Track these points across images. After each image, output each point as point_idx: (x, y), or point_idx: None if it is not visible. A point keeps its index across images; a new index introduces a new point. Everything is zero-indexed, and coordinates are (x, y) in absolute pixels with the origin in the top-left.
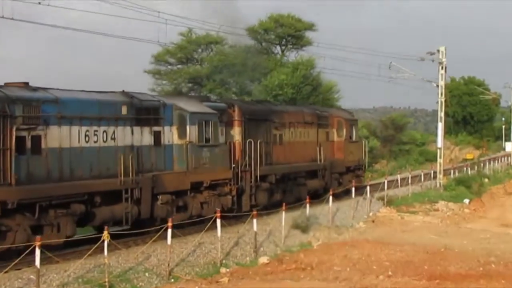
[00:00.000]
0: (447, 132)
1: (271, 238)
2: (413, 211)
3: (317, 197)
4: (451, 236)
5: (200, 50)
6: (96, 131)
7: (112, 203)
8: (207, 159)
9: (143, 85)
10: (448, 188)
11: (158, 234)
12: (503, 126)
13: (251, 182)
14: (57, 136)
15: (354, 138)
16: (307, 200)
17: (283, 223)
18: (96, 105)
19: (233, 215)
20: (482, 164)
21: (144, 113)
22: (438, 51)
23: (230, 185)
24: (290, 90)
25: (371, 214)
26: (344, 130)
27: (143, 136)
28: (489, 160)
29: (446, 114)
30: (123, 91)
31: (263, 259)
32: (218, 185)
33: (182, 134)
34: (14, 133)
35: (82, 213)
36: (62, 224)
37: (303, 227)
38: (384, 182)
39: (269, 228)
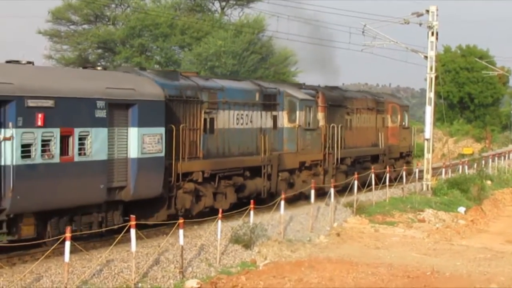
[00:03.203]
0: (439, 118)
1: (203, 255)
2: (391, 221)
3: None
4: (440, 256)
5: (113, 5)
6: (242, 115)
7: (253, 177)
8: (308, 141)
9: (36, 49)
10: (438, 192)
11: (54, 246)
12: None
13: (333, 163)
14: (222, 119)
15: (406, 125)
16: (251, 206)
17: (218, 235)
18: (242, 93)
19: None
20: (484, 162)
21: (267, 99)
22: (428, 11)
23: (321, 165)
24: (230, 60)
25: (335, 225)
26: (399, 116)
27: (267, 120)
28: (493, 156)
29: (438, 95)
30: (251, 80)
31: (192, 283)
32: (312, 165)
33: (292, 118)
34: (202, 115)
35: (240, 185)
36: (228, 193)
37: (246, 241)
38: (353, 183)
39: (200, 242)
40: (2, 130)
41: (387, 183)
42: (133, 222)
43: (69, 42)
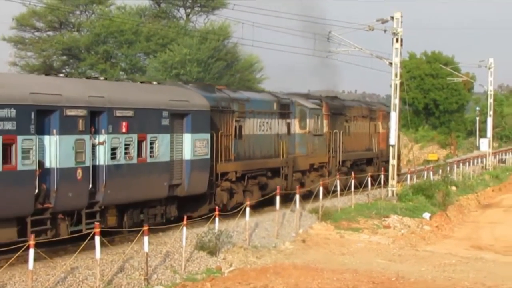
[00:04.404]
0: (404, 125)
1: (168, 262)
2: (357, 228)
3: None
4: (405, 261)
5: (77, 12)
6: (263, 122)
7: (273, 177)
8: (316, 145)
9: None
10: (403, 198)
11: (18, 254)
12: (477, 118)
13: (336, 166)
14: (248, 126)
15: None
16: (216, 213)
17: (183, 242)
18: (263, 103)
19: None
20: (448, 168)
21: (283, 108)
22: (392, 18)
23: (326, 167)
24: (195, 68)
25: (301, 231)
26: (388, 123)
27: (282, 127)
28: (458, 162)
29: (403, 101)
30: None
31: None
32: (319, 167)
33: (303, 125)
34: (234, 123)
35: (263, 184)
36: (254, 191)
37: (211, 248)
38: (318, 189)
39: (165, 249)
40: (97, 136)
41: (352, 188)
42: (97, 229)
43: (34, 49)
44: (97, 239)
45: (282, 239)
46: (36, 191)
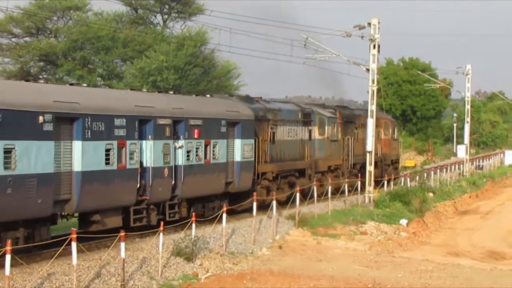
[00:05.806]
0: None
1: (144, 268)
2: (334, 234)
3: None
4: (382, 268)
5: (55, 18)
6: (291, 129)
7: (299, 177)
8: (333, 150)
9: None
10: (380, 204)
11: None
12: (455, 125)
13: (348, 168)
14: (279, 132)
15: (395, 137)
16: (193, 219)
17: (160, 248)
18: (291, 112)
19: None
20: (425, 174)
21: (306, 117)
22: (369, 24)
23: (340, 169)
24: (172, 75)
25: (277, 237)
26: (390, 130)
27: (305, 133)
28: (436, 168)
29: (380, 107)
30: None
31: None
32: (334, 169)
33: (321, 132)
34: (269, 130)
35: (292, 183)
36: (285, 188)
37: (188, 254)
38: (295, 195)
39: (142, 255)
40: (178, 141)
41: (329, 194)
42: (74, 235)
43: (11, 55)
44: (74, 245)
45: (259, 245)
46: (138, 185)
